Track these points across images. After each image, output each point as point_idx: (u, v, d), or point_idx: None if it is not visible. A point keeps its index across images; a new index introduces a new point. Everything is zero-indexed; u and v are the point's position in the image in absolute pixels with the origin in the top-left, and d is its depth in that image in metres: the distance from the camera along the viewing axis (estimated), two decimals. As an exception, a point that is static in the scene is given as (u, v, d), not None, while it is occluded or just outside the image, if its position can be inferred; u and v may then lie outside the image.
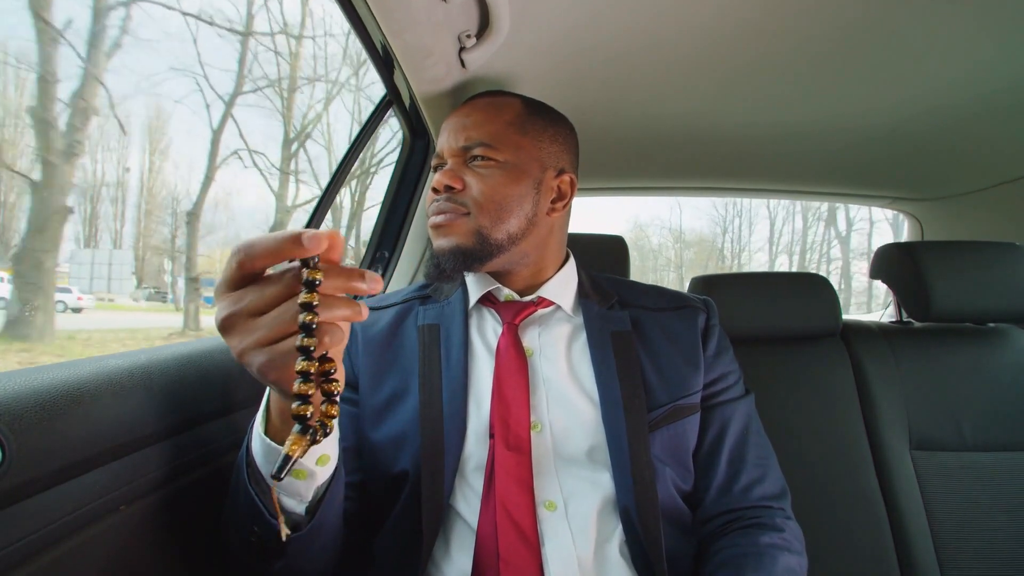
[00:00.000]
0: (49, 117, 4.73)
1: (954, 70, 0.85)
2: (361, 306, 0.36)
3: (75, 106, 4.90)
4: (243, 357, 0.36)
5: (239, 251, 0.34)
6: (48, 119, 4.72)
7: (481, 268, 0.67)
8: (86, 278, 8.15)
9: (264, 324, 0.35)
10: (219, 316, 0.36)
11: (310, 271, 0.33)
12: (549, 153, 0.70)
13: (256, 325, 0.35)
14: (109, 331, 5.83)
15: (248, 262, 0.34)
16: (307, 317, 0.33)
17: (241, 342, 0.36)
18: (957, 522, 0.91)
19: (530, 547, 0.56)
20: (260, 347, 0.35)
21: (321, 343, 0.34)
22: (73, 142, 4.87)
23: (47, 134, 4.72)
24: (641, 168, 1.41)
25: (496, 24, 0.72)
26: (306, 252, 0.33)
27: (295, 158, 7.87)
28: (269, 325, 0.35)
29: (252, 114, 11.17)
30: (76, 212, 7.55)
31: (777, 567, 0.58)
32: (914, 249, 1.05)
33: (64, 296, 6.79)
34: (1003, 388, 0.99)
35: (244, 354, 0.36)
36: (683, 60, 0.84)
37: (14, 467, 0.37)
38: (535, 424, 0.62)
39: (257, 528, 0.47)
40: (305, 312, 0.33)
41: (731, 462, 0.67)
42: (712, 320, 0.73)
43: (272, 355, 0.35)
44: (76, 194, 7.06)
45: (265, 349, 0.35)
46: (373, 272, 0.35)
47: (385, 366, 0.67)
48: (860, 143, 1.17)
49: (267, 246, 0.34)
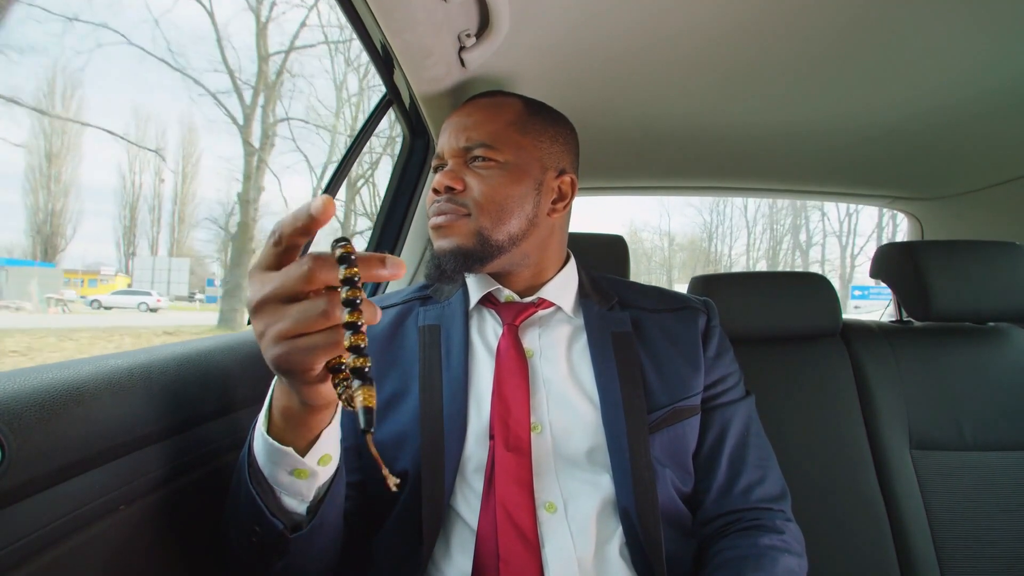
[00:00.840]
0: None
1: (954, 70, 0.85)
2: (376, 309, 0.36)
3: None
4: (264, 343, 0.36)
5: (274, 232, 0.36)
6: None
7: (482, 269, 0.67)
8: (158, 282, 8.96)
9: (290, 315, 0.35)
10: (251, 298, 0.36)
11: (347, 268, 0.33)
12: (550, 153, 0.70)
13: (283, 314, 0.35)
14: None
15: (282, 239, 0.35)
16: (349, 293, 0.33)
17: (266, 327, 0.36)
18: (957, 522, 0.91)
19: (530, 548, 0.56)
20: (282, 338, 0.35)
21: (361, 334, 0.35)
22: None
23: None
24: (641, 168, 1.41)
25: (496, 24, 0.72)
26: (316, 221, 0.34)
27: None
28: (294, 317, 0.34)
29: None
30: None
31: (777, 569, 0.58)
32: (914, 249, 1.05)
33: (145, 298, 7.27)
34: (1003, 387, 0.99)
35: (265, 341, 0.36)
36: (683, 60, 0.84)
37: (14, 467, 0.37)
38: (535, 425, 0.62)
39: (258, 528, 0.47)
40: (348, 309, 0.33)
41: (731, 464, 0.67)
42: (712, 321, 0.73)
43: (290, 349, 0.35)
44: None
45: (286, 342, 0.35)
46: (395, 256, 0.35)
47: (385, 366, 0.67)
48: (860, 143, 1.17)
49: (289, 220, 0.35)
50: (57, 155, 6.12)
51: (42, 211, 6.13)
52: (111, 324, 6.11)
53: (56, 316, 8.29)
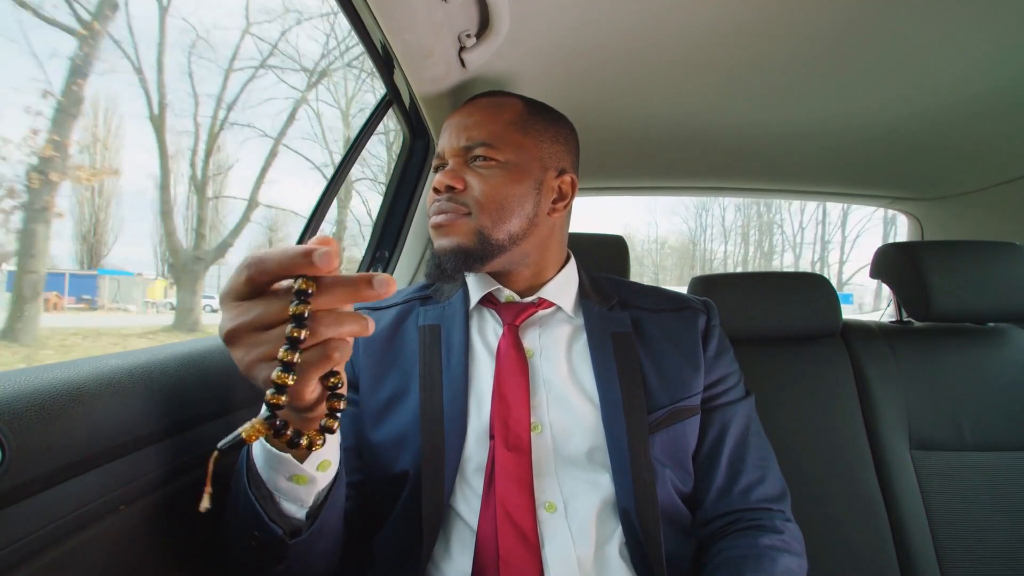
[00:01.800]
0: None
1: (953, 69, 0.85)
2: (368, 321, 0.35)
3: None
4: (249, 370, 0.36)
5: (250, 264, 0.34)
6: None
7: (482, 268, 0.67)
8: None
9: (270, 340, 0.34)
10: (224, 326, 0.36)
11: (303, 282, 0.33)
12: (550, 153, 0.70)
13: (261, 340, 0.35)
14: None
15: (258, 276, 0.34)
16: (299, 309, 0.33)
17: (247, 355, 0.35)
18: (957, 522, 0.91)
19: (530, 548, 0.56)
20: (266, 361, 0.35)
21: (330, 359, 0.34)
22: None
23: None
24: (641, 168, 1.41)
25: (496, 24, 0.72)
26: (317, 270, 0.32)
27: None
28: (274, 341, 0.34)
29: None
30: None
31: (777, 569, 0.58)
32: (914, 249, 1.05)
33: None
34: (1003, 388, 0.99)
35: (250, 367, 0.35)
36: (683, 60, 0.84)
37: (14, 467, 0.37)
38: (535, 425, 0.62)
39: (258, 533, 0.46)
40: (295, 324, 0.33)
41: (731, 464, 0.67)
42: (712, 321, 0.73)
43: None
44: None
45: (272, 363, 0.34)
46: (382, 274, 0.34)
47: (385, 366, 0.67)
48: (860, 143, 1.17)
49: (279, 261, 0.33)
50: (98, 170, 6.60)
51: (87, 221, 6.57)
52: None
53: (152, 316, 9.44)
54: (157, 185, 6.39)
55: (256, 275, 0.34)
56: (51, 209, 4.72)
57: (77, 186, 6.63)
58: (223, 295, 0.36)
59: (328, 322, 0.34)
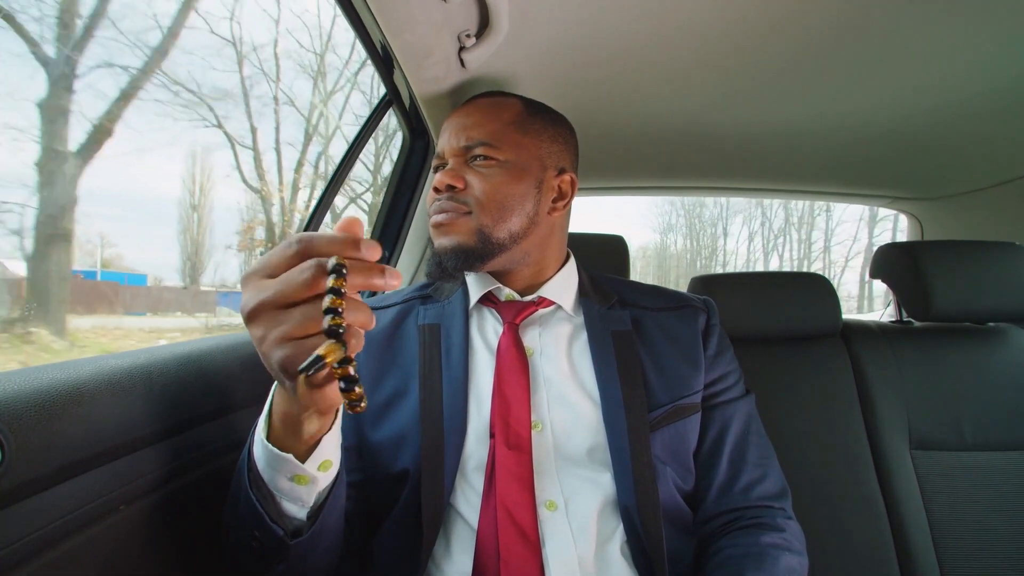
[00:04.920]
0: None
1: (953, 69, 0.85)
2: (372, 315, 0.36)
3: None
4: (265, 347, 0.36)
5: (300, 241, 0.35)
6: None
7: (482, 267, 0.67)
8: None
9: (291, 319, 0.34)
10: (246, 304, 0.36)
11: (336, 280, 0.33)
12: (550, 152, 0.70)
13: (283, 318, 0.35)
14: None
15: (307, 252, 0.35)
16: (339, 282, 0.33)
17: (267, 333, 0.35)
18: (957, 522, 0.91)
19: (531, 547, 0.56)
20: (285, 341, 0.35)
21: (349, 345, 0.34)
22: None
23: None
24: (641, 168, 1.41)
25: (496, 24, 0.72)
26: (362, 258, 0.34)
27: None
28: (297, 320, 0.34)
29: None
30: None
31: (778, 567, 0.58)
32: (914, 249, 1.05)
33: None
34: (1003, 388, 0.99)
35: (267, 345, 0.35)
36: (682, 60, 0.84)
37: (14, 467, 0.37)
38: (536, 423, 0.62)
39: (258, 533, 0.46)
40: (331, 315, 0.33)
41: (732, 462, 0.67)
42: (712, 320, 0.73)
43: (298, 350, 0.35)
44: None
45: (291, 343, 0.35)
46: (393, 268, 0.35)
47: (386, 366, 0.67)
48: (860, 142, 1.17)
49: (329, 242, 0.34)
50: (199, 205, 7.96)
51: (191, 245, 7.97)
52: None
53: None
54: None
55: (306, 251, 0.35)
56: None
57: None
58: (250, 272, 0.37)
59: (350, 308, 0.35)
